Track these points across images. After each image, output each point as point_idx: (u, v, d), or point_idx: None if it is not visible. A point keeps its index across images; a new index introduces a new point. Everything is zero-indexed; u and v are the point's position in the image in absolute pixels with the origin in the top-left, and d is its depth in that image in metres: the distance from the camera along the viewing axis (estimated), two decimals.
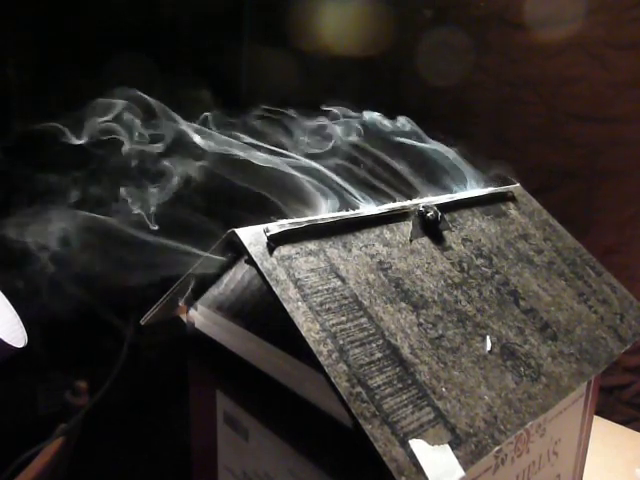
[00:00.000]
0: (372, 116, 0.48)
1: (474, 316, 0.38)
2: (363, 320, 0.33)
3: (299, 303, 0.32)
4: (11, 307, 0.48)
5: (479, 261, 0.43)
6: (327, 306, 0.32)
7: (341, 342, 0.31)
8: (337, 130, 0.47)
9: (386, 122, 0.48)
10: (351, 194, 0.41)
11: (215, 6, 1.14)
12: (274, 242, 0.34)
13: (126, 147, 0.40)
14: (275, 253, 0.34)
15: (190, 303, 0.45)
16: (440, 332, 0.35)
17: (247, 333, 0.39)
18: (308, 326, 0.31)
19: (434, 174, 0.48)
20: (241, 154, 0.41)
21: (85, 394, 0.62)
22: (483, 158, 0.49)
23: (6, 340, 0.45)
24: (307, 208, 0.39)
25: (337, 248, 0.36)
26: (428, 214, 0.42)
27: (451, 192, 0.49)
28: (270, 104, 0.48)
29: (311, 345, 0.30)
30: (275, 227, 0.35)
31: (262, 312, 0.38)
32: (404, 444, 0.28)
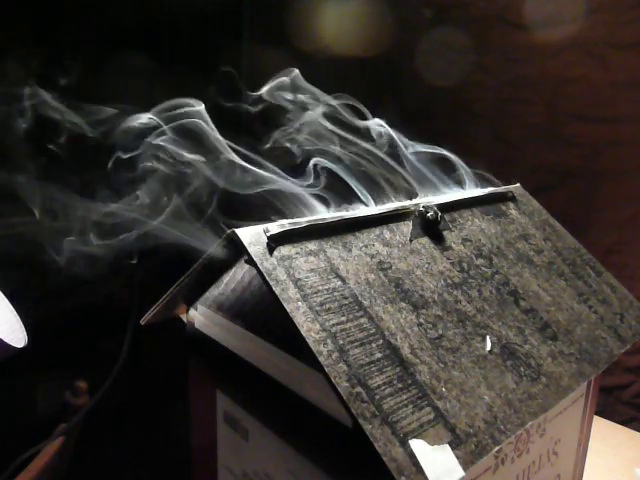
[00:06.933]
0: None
1: (474, 316, 0.38)
2: (363, 320, 0.33)
3: (299, 303, 0.32)
4: (11, 307, 0.48)
5: (479, 261, 0.43)
6: (327, 306, 0.32)
7: (341, 342, 0.31)
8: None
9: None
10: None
11: (215, 6, 1.14)
12: (274, 242, 0.34)
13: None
14: (275, 253, 0.34)
15: (190, 303, 0.45)
16: (440, 332, 0.35)
17: (247, 333, 0.39)
18: (308, 326, 0.31)
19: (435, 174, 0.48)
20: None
21: (85, 394, 0.62)
22: (483, 158, 0.49)
23: (6, 340, 0.45)
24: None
25: (337, 248, 0.36)
26: (428, 214, 0.42)
27: (451, 192, 0.49)
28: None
29: (311, 345, 0.30)
30: (275, 227, 0.35)
31: (262, 312, 0.38)
32: (404, 444, 0.28)
